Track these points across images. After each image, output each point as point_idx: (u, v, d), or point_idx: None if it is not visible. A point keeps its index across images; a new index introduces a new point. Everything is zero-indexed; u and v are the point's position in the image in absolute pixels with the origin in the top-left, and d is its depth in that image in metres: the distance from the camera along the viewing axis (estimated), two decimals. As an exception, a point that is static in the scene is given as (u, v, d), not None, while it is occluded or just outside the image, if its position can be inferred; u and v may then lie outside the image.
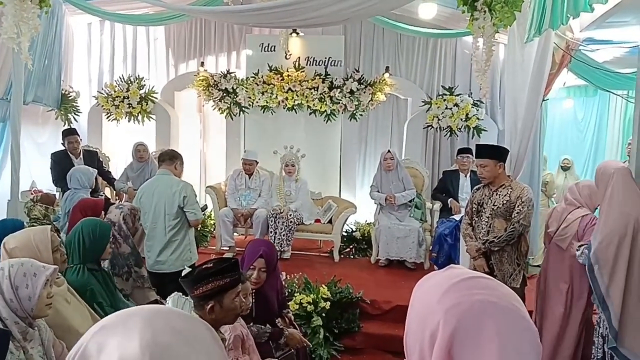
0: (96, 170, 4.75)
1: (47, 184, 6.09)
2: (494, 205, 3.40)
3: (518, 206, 3.31)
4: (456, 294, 0.79)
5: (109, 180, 5.66)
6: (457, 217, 4.98)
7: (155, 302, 3.23)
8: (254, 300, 2.67)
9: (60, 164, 5.18)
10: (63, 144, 5.38)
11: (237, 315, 2.08)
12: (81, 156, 5.35)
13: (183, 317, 0.69)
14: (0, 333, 1.77)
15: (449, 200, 5.33)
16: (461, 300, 0.77)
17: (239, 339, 2.33)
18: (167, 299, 2.73)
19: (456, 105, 6.07)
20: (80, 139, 5.50)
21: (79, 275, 2.66)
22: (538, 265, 5.80)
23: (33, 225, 3.81)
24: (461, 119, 6.08)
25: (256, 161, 5.63)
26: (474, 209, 3.57)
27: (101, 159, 5.80)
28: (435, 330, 0.77)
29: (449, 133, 6.25)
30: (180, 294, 2.84)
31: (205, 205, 4.97)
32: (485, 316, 0.75)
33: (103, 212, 3.85)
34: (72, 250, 2.73)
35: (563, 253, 3.30)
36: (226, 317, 2.02)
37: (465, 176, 5.41)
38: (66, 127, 5.81)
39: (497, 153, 3.44)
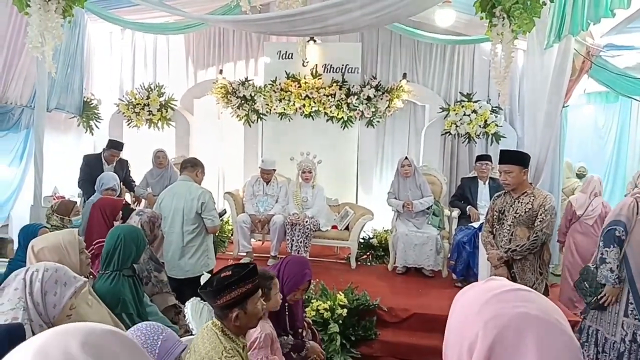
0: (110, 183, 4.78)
1: (69, 190, 6.20)
2: (516, 213, 3.34)
3: (541, 214, 3.24)
4: (496, 305, 0.77)
5: (130, 186, 5.76)
6: (475, 225, 4.93)
7: (175, 306, 3.25)
8: (287, 313, 2.76)
9: (91, 167, 5.28)
10: (104, 150, 5.50)
11: (259, 320, 2.09)
12: (113, 164, 5.47)
13: (119, 329, 0.74)
14: (15, 328, 1.77)
15: (468, 207, 5.28)
16: (501, 313, 0.75)
17: (269, 338, 2.35)
18: (186, 303, 2.75)
19: (474, 111, 6.04)
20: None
21: (113, 283, 2.60)
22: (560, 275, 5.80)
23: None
24: (480, 126, 6.04)
25: (274, 169, 5.66)
26: (495, 216, 3.51)
27: (130, 168, 5.90)
28: (473, 342, 0.76)
29: (467, 140, 6.21)
30: (199, 299, 2.87)
31: (224, 210, 4.99)
32: (525, 330, 0.73)
33: (121, 213, 3.92)
34: (110, 257, 2.67)
35: (589, 228, 4.81)
36: (250, 323, 2.02)
37: (484, 183, 5.35)
38: (114, 138, 5.85)
39: (522, 159, 3.37)
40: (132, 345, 0.70)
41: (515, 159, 3.36)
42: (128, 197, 5.87)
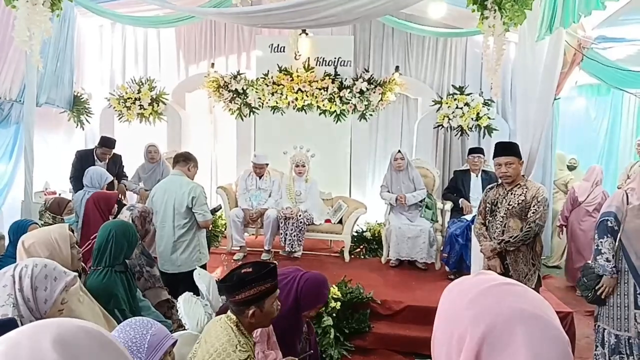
0: (111, 177, 4.75)
1: (60, 185, 6.16)
2: (508, 204, 3.35)
3: (534, 206, 3.25)
4: (485, 300, 0.77)
5: (120, 180, 5.73)
6: (468, 217, 4.95)
7: (167, 301, 3.25)
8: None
9: (83, 163, 5.23)
10: (97, 147, 5.45)
11: (272, 319, 2.10)
12: (105, 161, 5.43)
13: (94, 325, 0.72)
14: (8, 322, 1.75)
15: (460, 200, 5.29)
16: (490, 307, 0.75)
17: (265, 334, 2.35)
18: (179, 298, 2.74)
19: (467, 104, 6.05)
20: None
21: (105, 279, 2.58)
22: (555, 266, 5.92)
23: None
24: (472, 119, 6.05)
25: (266, 163, 5.64)
26: (487, 208, 3.51)
27: (124, 164, 5.85)
28: (462, 337, 0.75)
29: (459, 133, 6.22)
30: (192, 293, 2.87)
31: (220, 205, 4.97)
32: (515, 324, 0.72)
33: (116, 207, 3.90)
34: (102, 253, 2.65)
35: (588, 214, 5.35)
36: (264, 321, 2.04)
37: (477, 176, 5.37)
38: (108, 135, 5.77)
39: (518, 150, 3.36)
40: (105, 342, 0.70)
41: (514, 150, 3.35)
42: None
